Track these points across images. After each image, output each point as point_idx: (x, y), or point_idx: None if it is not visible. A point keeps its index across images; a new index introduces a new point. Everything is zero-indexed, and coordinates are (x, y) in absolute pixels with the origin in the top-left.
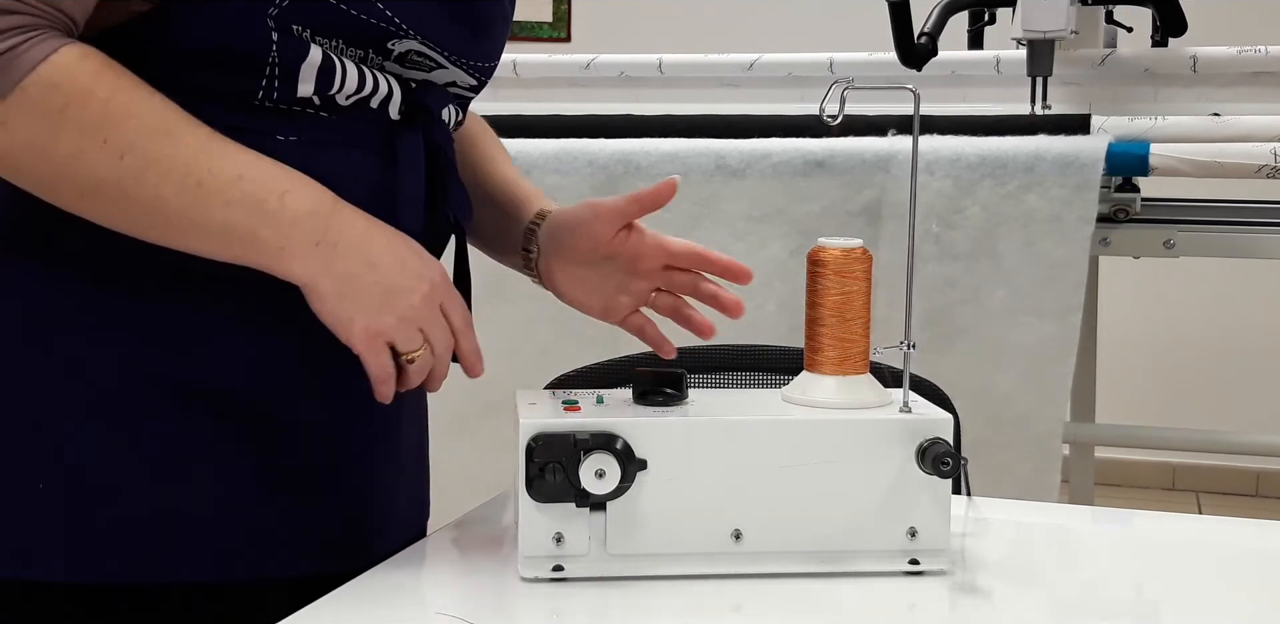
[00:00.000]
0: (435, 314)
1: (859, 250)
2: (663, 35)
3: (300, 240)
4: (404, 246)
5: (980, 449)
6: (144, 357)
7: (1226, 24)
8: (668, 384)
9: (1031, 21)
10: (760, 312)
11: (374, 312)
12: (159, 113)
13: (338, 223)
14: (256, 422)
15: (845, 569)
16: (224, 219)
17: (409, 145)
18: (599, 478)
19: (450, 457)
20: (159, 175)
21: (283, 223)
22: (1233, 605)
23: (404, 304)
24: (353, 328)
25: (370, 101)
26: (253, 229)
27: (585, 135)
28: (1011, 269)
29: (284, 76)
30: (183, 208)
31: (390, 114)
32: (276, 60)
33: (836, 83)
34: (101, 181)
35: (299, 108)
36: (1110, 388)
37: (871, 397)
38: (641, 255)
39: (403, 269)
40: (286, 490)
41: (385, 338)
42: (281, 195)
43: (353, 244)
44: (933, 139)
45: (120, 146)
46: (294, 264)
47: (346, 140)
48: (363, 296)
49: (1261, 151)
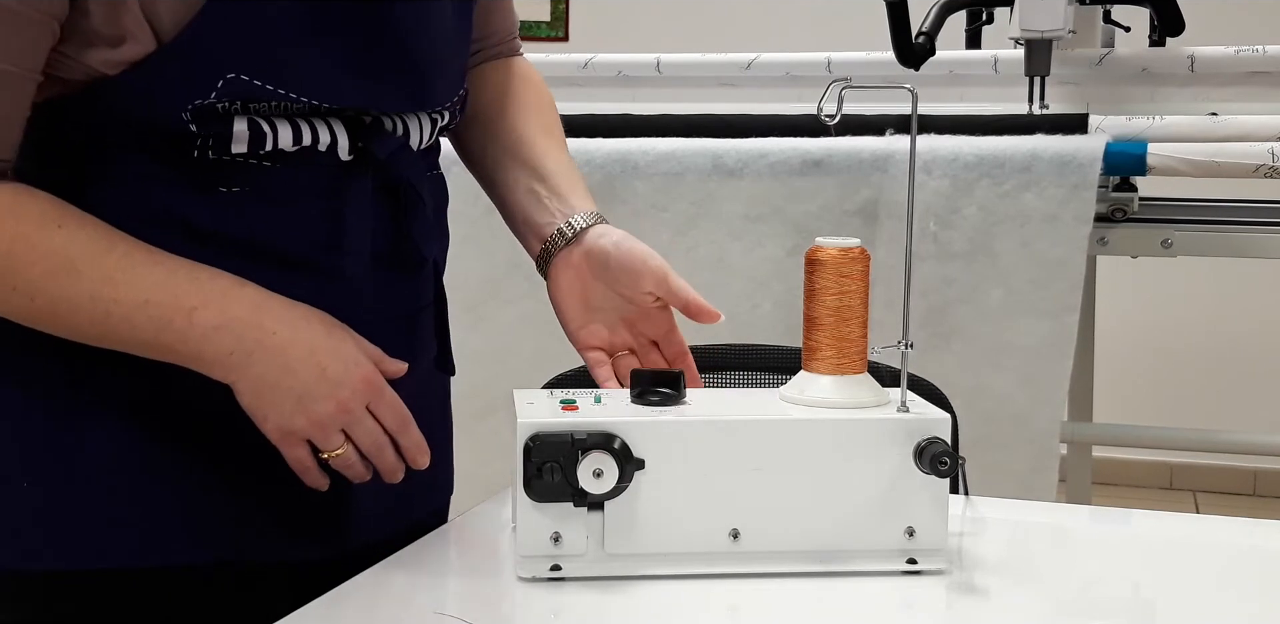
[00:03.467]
0: (358, 417)
1: (856, 250)
2: (660, 35)
3: (213, 352)
4: (328, 353)
5: (978, 448)
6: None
7: (1224, 24)
8: (666, 384)
9: (1029, 21)
10: (757, 311)
11: (286, 414)
12: (61, 255)
13: (253, 333)
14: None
15: (843, 569)
16: (138, 339)
17: (358, 192)
18: (597, 477)
19: None
20: (69, 312)
21: (192, 339)
22: (1230, 604)
23: (318, 410)
24: (265, 425)
25: (316, 147)
26: (167, 345)
27: (583, 135)
28: (1009, 268)
29: (215, 142)
30: (100, 334)
31: (340, 155)
32: (203, 134)
33: (834, 82)
34: (21, 317)
35: (240, 159)
36: (1108, 387)
37: (869, 396)
38: (651, 321)
39: (320, 377)
40: (251, 477)
41: (299, 437)
42: (190, 313)
43: (269, 352)
44: (930, 138)
45: (28, 292)
46: (212, 370)
47: (291, 188)
48: (277, 400)
49: (1259, 151)
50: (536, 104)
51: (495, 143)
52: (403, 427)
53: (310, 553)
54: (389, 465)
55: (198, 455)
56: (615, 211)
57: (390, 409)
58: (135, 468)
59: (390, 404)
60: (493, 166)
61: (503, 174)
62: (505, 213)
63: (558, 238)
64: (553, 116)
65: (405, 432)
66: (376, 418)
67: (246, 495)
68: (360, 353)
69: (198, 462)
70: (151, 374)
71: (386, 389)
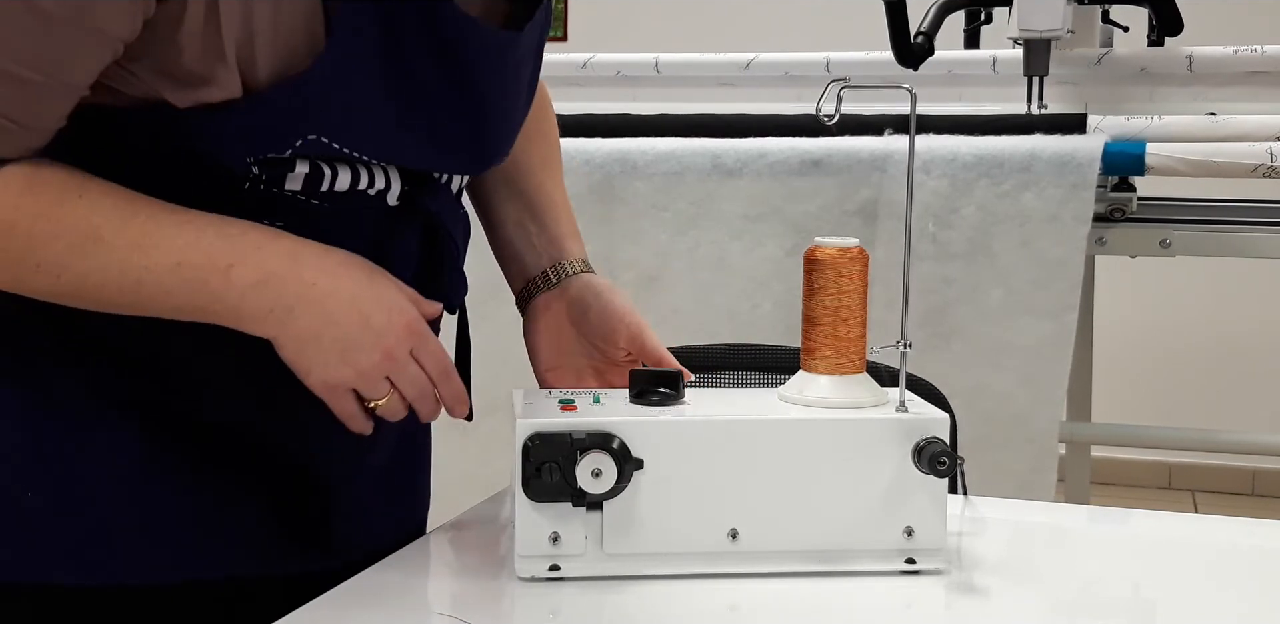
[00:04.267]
0: (402, 365)
1: (855, 250)
2: (659, 34)
3: (252, 309)
4: (371, 301)
5: (976, 448)
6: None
7: (1223, 23)
8: (664, 383)
9: (1028, 21)
10: (757, 311)
11: (332, 366)
12: (84, 226)
13: (293, 287)
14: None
15: (842, 568)
16: (173, 305)
17: (401, 240)
18: (596, 477)
19: (447, 456)
20: (98, 284)
21: (230, 298)
22: (1228, 604)
23: (363, 360)
24: (309, 378)
25: (368, 191)
26: (201, 307)
27: (582, 134)
28: (1008, 268)
29: (269, 180)
30: (132, 302)
31: (388, 202)
32: (260, 175)
33: (833, 82)
34: (50, 295)
35: (289, 194)
36: (1106, 387)
37: (868, 396)
38: (618, 373)
39: (364, 326)
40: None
41: (345, 387)
42: (226, 271)
43: (311, 304)
44: (929, 138)
45: (53, 268)
46: (252, 327)
47: (335, 228)
48: (321, 352)
49: (1257, 151)
50: (539, 130)
51: (494, 171)
52: (445, 374)
53: (306, 565)
54: (429, 411)
55: (195, 470)
56: (615, 211)
57: (433, 355)
58: (132, 482)
59: (433, 351)
60: (487, 193)
61: (496, 203)
62: (493, 241)
63: (541, 281)
64: (553, 143)
65: (448, 379)
66: (419, 364)
67: (241, 509)
68: (403, 297)
69: (193, 476)
70: (148, 383)
71: (429, 335)
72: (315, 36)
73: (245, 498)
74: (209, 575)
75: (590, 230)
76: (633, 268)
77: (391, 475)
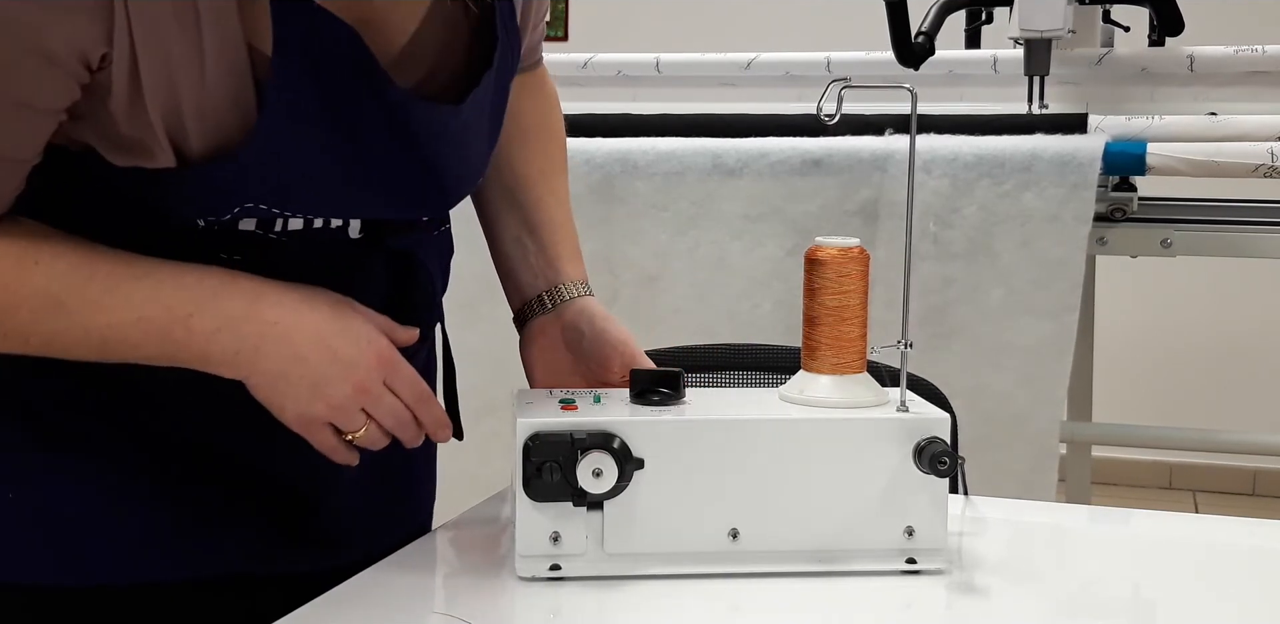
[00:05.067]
0: (376, 396)
1: (856, 249)
2: (660, 34)
3: (218, 354)
4: (337, 335)
5: (977, 448)
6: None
7: (1224, 23)
8: (665, 383)
9: (1029, 21)
10: (757, 311)
11: (304, 402)
12: (43, 293)
13: (254, 328)
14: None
15: (842, 568)
16: (143, 355)
17: (367, 272)
18: (596, 477)
19: (448, 455)
20: (65, 346)
21: (194, 345)
22: (1229, 604)
23: (335, 394)
24: (285, 415)
25: (328, 226)
26: (170, 355)
27: (582, 134)
28: (1008, 268)
29: (223, 226)
30: (102, 357)
31: (350, 234)
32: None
33: (834, 82)
34: (23, 352)
35: (244, 232)
36: (1107, 387)
37: (868, 396)
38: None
39: (333, 360)
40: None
41: (321, 421)
42: (186, 321)
43: (275, 342)
44: (930, 138)
45: (21, 334)
46: (222, 370)
47: (296, 261)
48: (291, 389)
49: (1258, 151)
50: (544, 135)
51: (495, 180)
52: (423, 400)
53: (305, 565)
54: (411, 437)
55: (183, 472)
56: (615, 211)
57: (408, 383)
58: (125, 482)
59: (407, 379)
60: (487, 204)
61: (496, 215)
62: (493, 251)
63: (538, 305)
64: (556, 149)
65: (426, 406)
66: (394, 393)
67: (235, 507)
68: (371, 328)
69: (182, 477)
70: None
71: (402, 363)
72: (247, 113)
73: (237, 498)
74: (206, 574)
75: (590, 230)
76: (633, 268)
77: (391, 476)
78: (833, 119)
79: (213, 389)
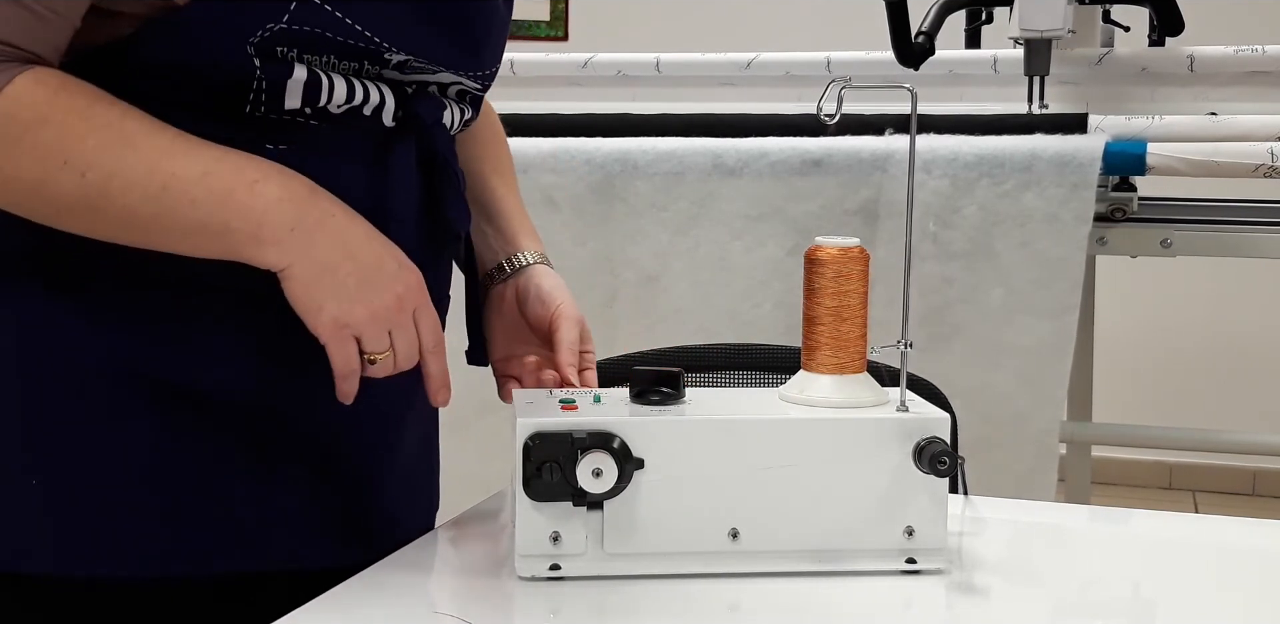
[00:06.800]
0: (406, 320)
1: (856, 249)
2: (660, 34)
3: (274, 226)
4: (384, 247)
5: (977, 448)
6: (131, 357)
7: (1223, 23)
8: (665, 383)
9: (1029, 21)
10: (757, 311)
11: (346, 300)
12: (117, 127)
13: (314, 210)
14: (246, 418)
15: (842, 568)
16: (195, 218)
17: (401, 158)
18: (596, 477)
19: (448, 455)
20: (123, 187)
21: (254, 211)
22: (1229, 604)
23: (377, 299)
24: (321, 316)
25: (363, 109)
26: (225, 222)
27: (582, 134)
28: (1008, 268)
29: (270, 92)
30: (154, 214)
31: (384, 121)
32: (261, 79)
33: (834, 82)
34: (70, 200)
35: (288, 117)
36: (1107, 387)
37: (868, 396)
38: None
39: (379, 266)
40: (280, 484)
41: (352, 331)
42: (251, 184)
43: (331, 232)
44: (930, 138)
45: (80, 166)
46: (270, 251)
47: (337, 150)
48: (337, 284)
49: (1258, 151)
50: (488, 138)
51: None
52: (437, 346)
53: (343, 559)
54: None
55: (217, 462)
56: (615, 211)
57: (430, 325)
58: (148, 475)
59: (431, 320)
60: None
61: None
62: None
63: (497, 272)
64: (504, 152)
65: (436, 357)
66: (417, 328)
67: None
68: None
69: (215, 469)
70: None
71: (430, 303)
72: None
73: (277, 489)
74: (242, 568)
75: (590, 230)
76: (633, 268)
77: (413, 474)
78: (833, 119)
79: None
